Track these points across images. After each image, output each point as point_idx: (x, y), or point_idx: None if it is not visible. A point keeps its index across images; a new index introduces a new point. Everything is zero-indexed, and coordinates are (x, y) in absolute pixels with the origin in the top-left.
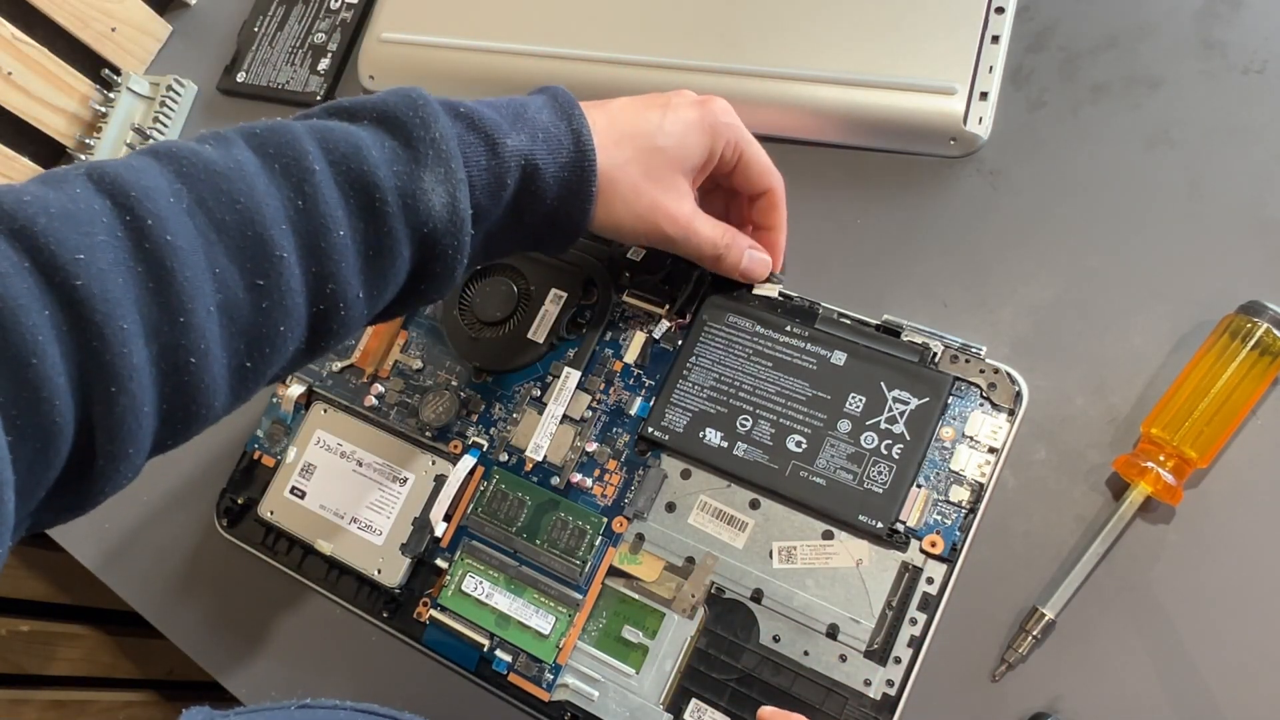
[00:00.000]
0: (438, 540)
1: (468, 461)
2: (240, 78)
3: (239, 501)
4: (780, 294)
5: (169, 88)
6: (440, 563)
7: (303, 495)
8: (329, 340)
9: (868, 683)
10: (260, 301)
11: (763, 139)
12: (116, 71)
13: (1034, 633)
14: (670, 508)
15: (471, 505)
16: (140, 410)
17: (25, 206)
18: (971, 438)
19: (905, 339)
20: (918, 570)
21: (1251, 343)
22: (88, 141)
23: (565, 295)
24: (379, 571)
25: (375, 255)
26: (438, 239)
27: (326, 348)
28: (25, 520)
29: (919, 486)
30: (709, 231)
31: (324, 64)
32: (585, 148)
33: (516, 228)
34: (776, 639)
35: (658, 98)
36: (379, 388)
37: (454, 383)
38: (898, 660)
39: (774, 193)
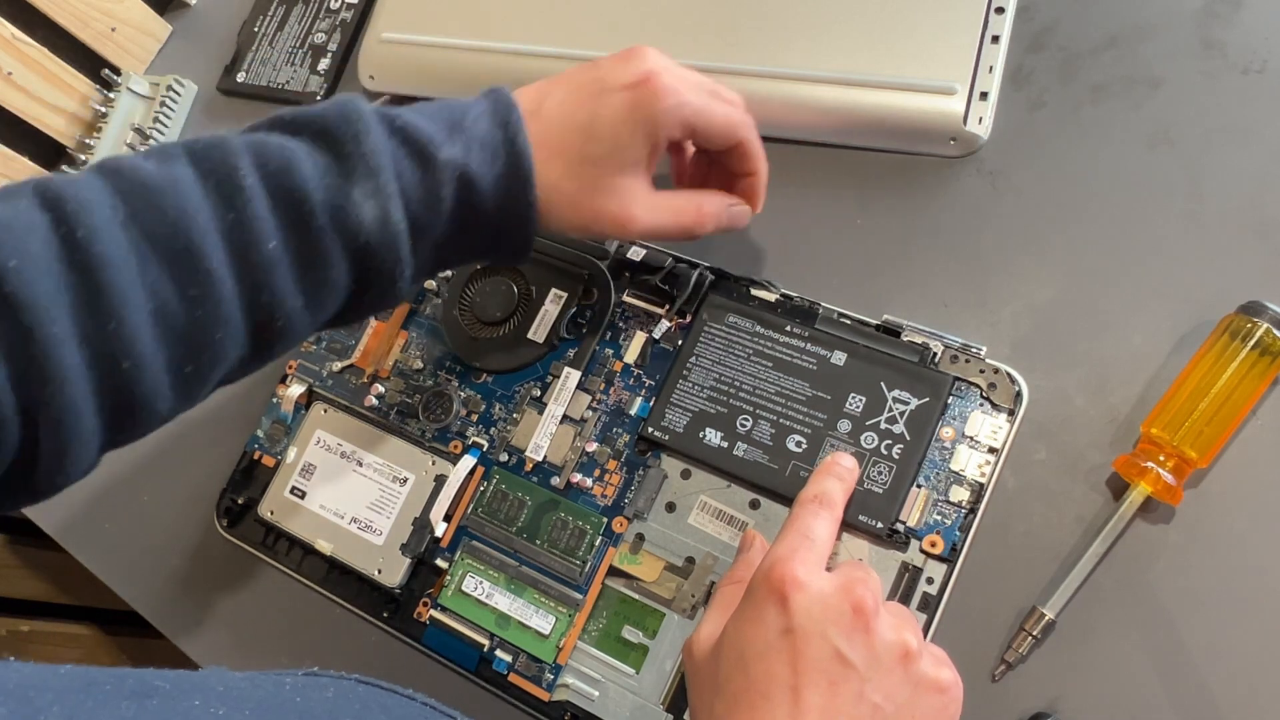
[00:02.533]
0: (438, 540)
1: (468, 461)
2: (240, 78)
3: (239, 501)
4: (780, 294)
5: (169, 88)
6: (440, 563)
7: (303, 495)
8: (275, 347)
9: None
10: (194, 310)
11: (764, 139)
12: (116, 71)
13: (1034, 633)
14: (670, 508)
15: (472, 505)
16: (77, 408)
17: None
18: (971, 438)
19: (905, 339)
20: (918, 570)
21: (1251, 343)
22: (88, 141)
23: (565, 295)
24: (379, 571)
25: (309, 267)
26: (373, 252)
27: (275, 353)
28: None
29: (919, 486)
30: (667, 218)
31: (324, 64)
32: (521, 155)
33: (463, 238)
34: None
35: (588, 84)
36: (379, 388)
37: (454, 383)
38: None
39: (743, 144)
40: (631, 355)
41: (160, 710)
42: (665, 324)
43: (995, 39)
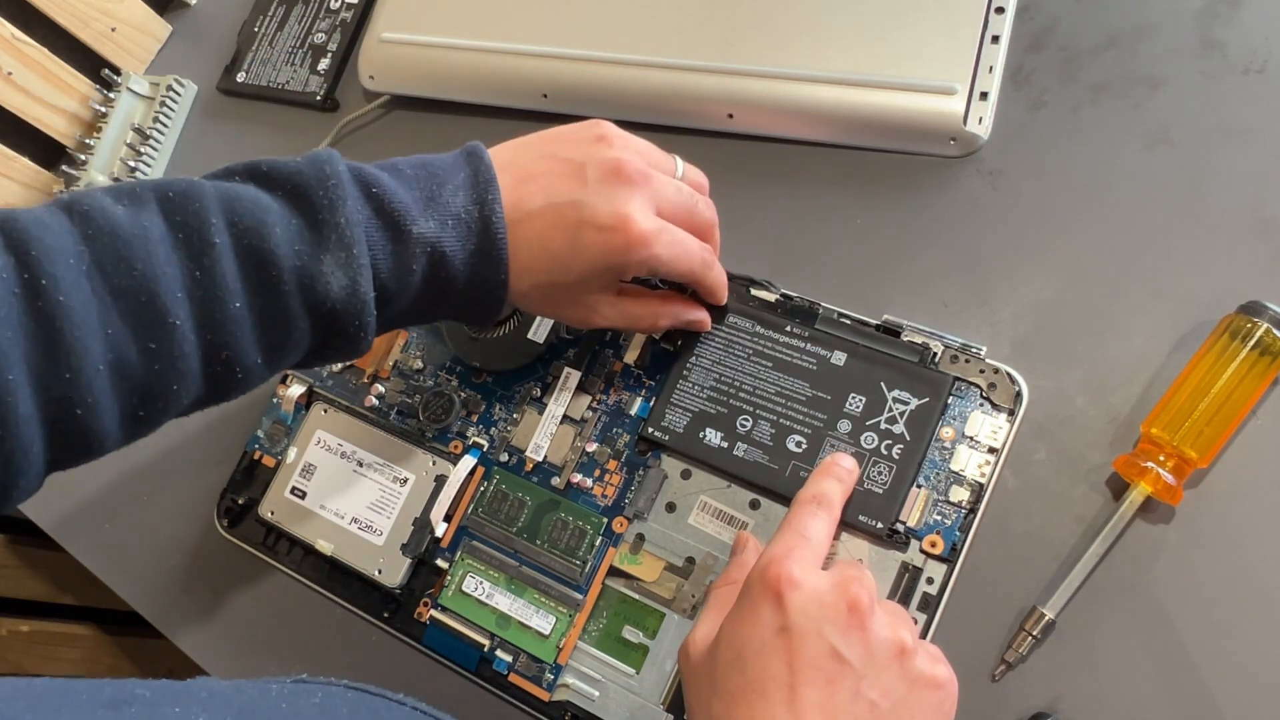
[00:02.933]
0: (438, 540)
1: (468, 461)
2: (240, 78)
3: (239, 502)
4: (780, 294)
5: (169, 88)
6: (441, 563)
7: (303, 495)
8: (229, 394)
9: None
10: (152, 363)
11: (764, 139)
12: (116, 71)
13: (1034, 633)
14: (670, 508)
15: (472, 505)
16: (28, 451)
17: None
18: (971, 438)
19: (905, 339)
20: (918, 570)
21: (1251, 343)
22: (88, 141)
23: None
24: (379, 572)
25: (272, 327)
26: (338, 317)
27: (231, 398)
28: None
29: (919, 486)
30: (624, 323)
31: (324, 64)
32: (495, 239)
33: (429, 306)
34: None
35: (567, 209)
36: (379, 388)
37: (454, 383)
38: None
39: (700, 286)
40: (632, 355)
41: (138, 718)
42: None
43: (995, 39)
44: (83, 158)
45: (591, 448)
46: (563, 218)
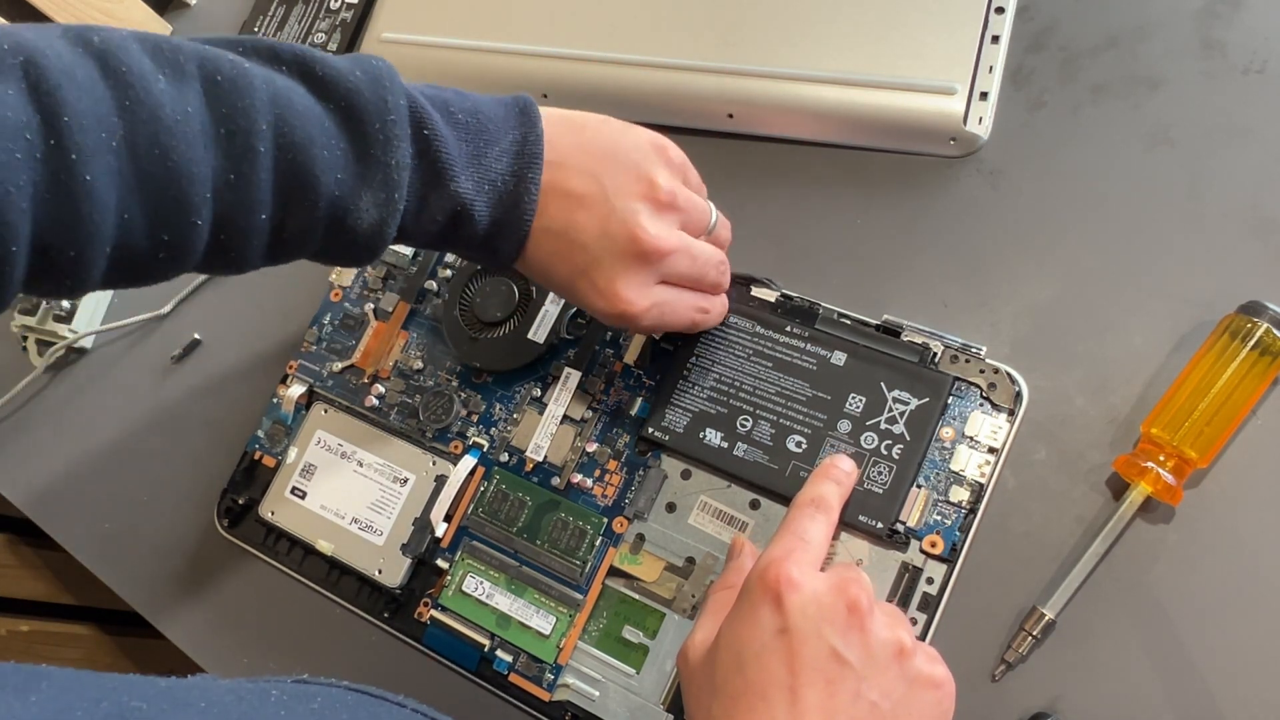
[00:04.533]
0: (438, 540)
1: (468, 462)
2: None
3: (239, 502)
4: (780, 294)
5: None
6: (441, 563)
7: (303, 495)
8: (211, 273)
9: None
10: (157, 252)
11: (764, 139)
12: None
13: (1034, 633)
14: (670, 508)
15: (472, 505)
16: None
17: None
18: (971, 438)
19: (905, 339)
20: (918, 570)
21: (1251, 343)
22: None
23: None
24: (379, 572)
25: (287, 239)
26: (353, 245)
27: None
28: None
29: (919, 487)
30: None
31: None
32: (523, 215)
33: (438, 246)
34: None
35: (579, 250)
36: (379, 388)
37: (454, 383)
38: None
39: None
40: (632, 355)
41: None
42: None
43: (995, 39)
44: None
45: (591, 448)
46: (571, 256)
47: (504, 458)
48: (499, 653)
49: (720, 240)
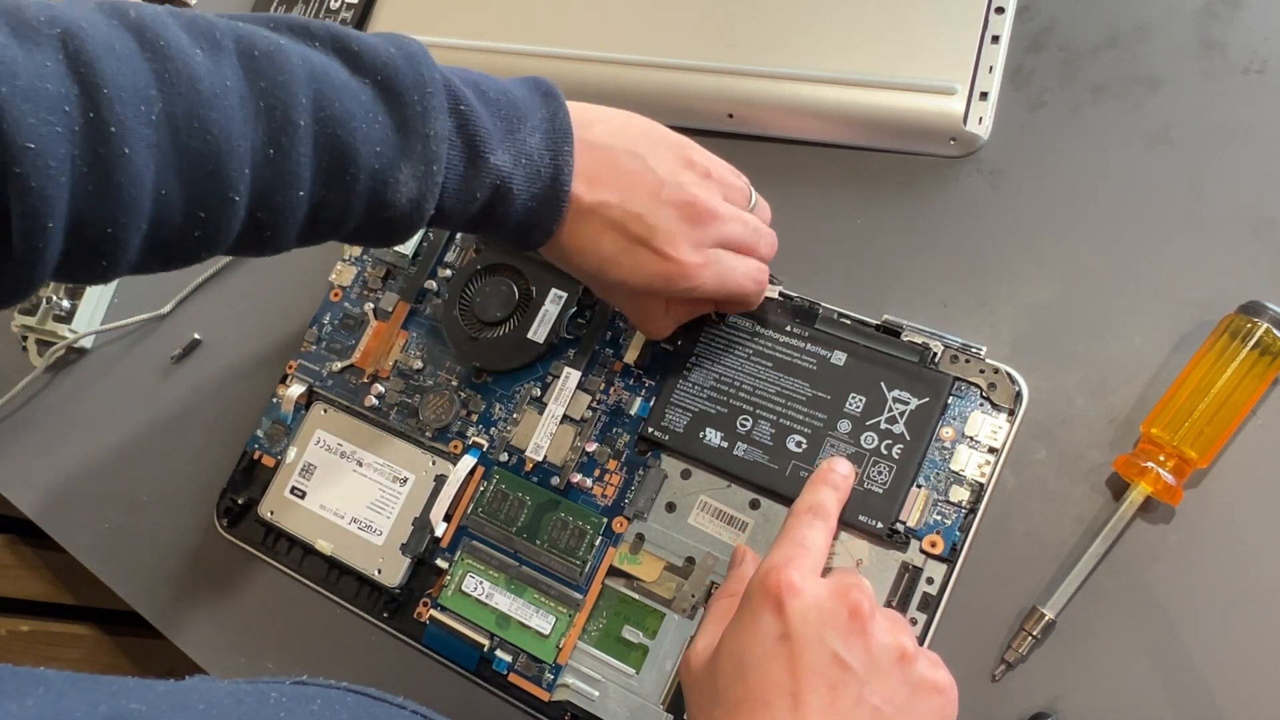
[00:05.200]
0: (438, 540)
1: (468, 461)
2: None
3: (239, 501)
4: (780, 294)
5: None
6: (440, 563)
7: (303, 495)
8: (243, 253)
9: None
10: (193, 229)
11: (764, 139)
12: None
13: (1034, 633)
14: (670, 508)
15: (472, 505)
16: (44, 275)
17: None
18: (971, 438)
19: (905, 339)
20: (918, 570)
21: (1251, 343)
22: None
23: (565, 295)
24: (379, 571)
25: (325, 218)
26: (390, 223)
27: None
28: None
29: (919, 486)
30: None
31: None
32: (561, 189)
33: (477, 230)
34: None
35: (635, 220)
36: (379, 388)
37: (454, 383)
38: None
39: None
40: (632, 355)
41: None
42: None
43: (995, 39)
44: None
45: (591, 448)
46: (626, 226)
47: (504, 457)
48: (498, 653)
49: (762, 217)
